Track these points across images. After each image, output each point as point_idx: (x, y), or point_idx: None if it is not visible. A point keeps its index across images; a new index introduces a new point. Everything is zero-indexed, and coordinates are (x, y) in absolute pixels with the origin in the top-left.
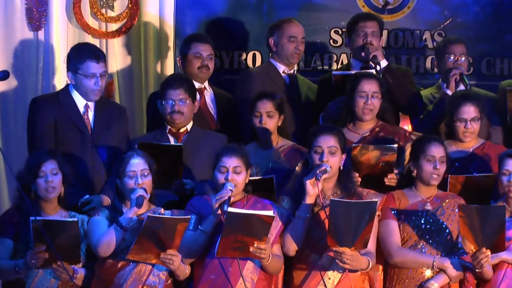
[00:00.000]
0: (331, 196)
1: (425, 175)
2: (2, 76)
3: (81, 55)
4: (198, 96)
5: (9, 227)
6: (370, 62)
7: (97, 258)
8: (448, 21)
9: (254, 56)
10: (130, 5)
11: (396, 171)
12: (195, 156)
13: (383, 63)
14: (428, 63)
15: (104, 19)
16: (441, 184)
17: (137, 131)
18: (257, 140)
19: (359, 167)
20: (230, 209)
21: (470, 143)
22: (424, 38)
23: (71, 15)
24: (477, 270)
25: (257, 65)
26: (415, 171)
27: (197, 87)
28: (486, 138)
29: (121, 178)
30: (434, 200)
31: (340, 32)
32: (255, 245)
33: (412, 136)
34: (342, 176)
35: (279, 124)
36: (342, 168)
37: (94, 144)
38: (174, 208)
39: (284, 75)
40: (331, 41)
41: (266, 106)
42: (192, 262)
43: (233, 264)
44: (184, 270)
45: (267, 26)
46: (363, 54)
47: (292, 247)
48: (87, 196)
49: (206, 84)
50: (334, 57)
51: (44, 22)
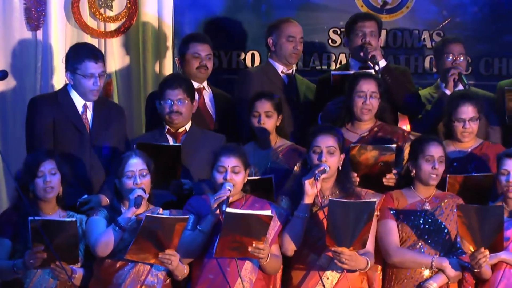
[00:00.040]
0: (330, 196)
1: (423, 175)
2: (0, 76)
3: (79, 55)
4: (196, 96)
5: (7, 227)
6: (368, 62)
7: (96, 258)
8: (447, 21)
9: (253, 56)
10: (128, 5)
11: (395, 171)
12: (193, 156)
13: (382, 63)
14: (427, 63)
15: (102, 19)
16: (440, 184)
17: (135, 131)
18: (255, 140)
19: (357, 167)
20: (229, 209)
21: (469, 143)
22: (422, 38)
23: (70, 15)
24: (475, 270)
25: (255, 65)
26: (414, 171)
27: (196, 87)
28: (485, 138)
29: (120, 178)
30: (433, 200)
31: (339, 32)
32: (254, 245)
33: (411, 136)
34: (341, 176)
35: (278, 124)
36: (340, 168)
37: (92, 144)
38: (172, 208)
39: (282, 75)
40: (330, 41)
41: (264, 106)
42: (190, 262)
43: (231, 264)
44: (183, 270)
45: (265, 26)
46: (361, 54)
47: (291, 247)
48: (86, 196)
49: (205, 84)
50: (333, 57)
51: (43, 22)
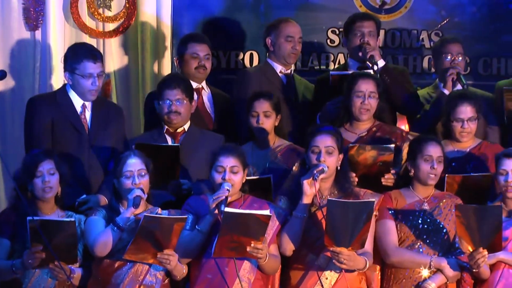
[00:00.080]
0: (328, 196)
1: (422, 175)
2: None
3: (78, 55)
4: (195, 96)
5: (5, 227)
6: (367, 62)
7: (94, 258)
8: (445, 21)
9: (251, 56)
10: (127, 5)
11: (393, 171)
12: (192, 156)
13: (380, 63)
14: (425, 63)
15: (101, 19)
16: (438, 184)
17: (134, 131)
18: (254, 140)
19: (356, 167)
20: (227, 209)
21: (467, 143)
22: (421, 38)
23: (68, 14)
24: (474, 270)
25: (254, 65)
26: (413, 171)
27: (194, 87)
28: (483, 138)
29: (118, 178)
30: (431, 200)
31: (337, 32)
32: (252, 245)
33: (409, 136)
34: (339, 176)
35: (276, 124)
36: (339, 168)
37: (91, 144)
38: (171, 208)
39: (281, 75)
40: (328, 41)
41: (263, 106)
42: (189, 262)
43: (229, 264)
44: (181, 270)
45: (264, 26)
46: (360, 54)
47: (289, 247)
48: (84, 196)
49: (203, 84)
50: (331, 57)
51: (41, 22)
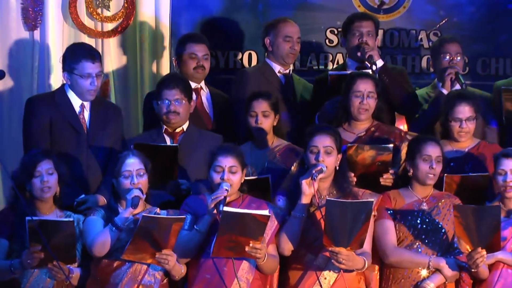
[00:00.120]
0: (327, 196)
1: (421, 175)
2: None
3: (76, 55)
4: (194, 96)
5: (4, 227)
6: (365, 62)
7: (93, 257)
8: (444, 21)
9: (250, 55)
10: (125, 5)
11: (392, 171)
12: (191, 156)
13: (379, 63)
14: (424, 63)
15: (99, 19)
16: (437, 184)
17: (132, 131)
18: (252, 139)
19: (354, 167)
20: (226, 209)
21: (466, 143)
22: (419, 38)
23: (67, 14)
24: (472, 270)
25: (252, 64)
26: (411, 171)
27: (193, 87)
28: (481, 138)
29: (117, 177)
30: (430, 200)
31: (336, 32)
32: (251, 244)
33: (408, 136)
34: (338, 176)
35: (275, 123)
36: (338, 168)
37: (89, 144)
38: (170, 208)
39: (279, 75)
40: (327, 40)
41: (261, 106)
42: (187, 262)
43: (228, 264)
44: (180, 270)
45: (262, 25)
46: (358, 54)
47: (288, 247)
48: (83, 196)
49: (202, 84)
50: (330, 57)
51: (40, 21)
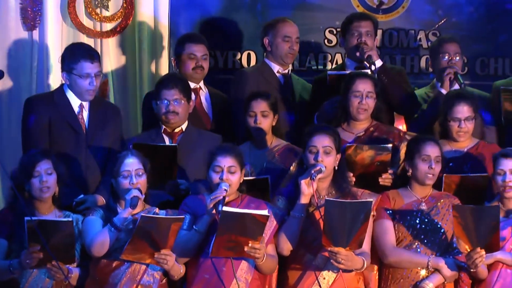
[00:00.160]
0: (326, 196)
1: (420, 175)
2: None
3: (75, 55)
4: (193, 96)
5: (3, 227)
6: (364, 62)
7: (92, 257)
8: (443, 21)
9: (249, 55)
10: (124, 5)
11: (391, 171)
12: (190, 156)
13: (378, 63)
14: (423, 63)
15: (98, 19)
16: (436, 184)
17: (131, 130)
18: (251, 139)
19: (353, 167)
20: (225, 208)
21: (464, 143)
22: (418, 38)
23: (66, 14)
24: (472, 270)
25: (251, 64)
26: (410, 171)
27: (192, 87)
28: (480, 137)
29: (116, 177)
30: (429, 200)
31: (335, 32)
32: (250, 244)
33: (407, 136)
34: (337, 176)
35: (274, 123)
36: (337, 168)
37: (88, 144)
38: (169, 208)
39: (278, 75)
40: (326, 41)
41: (260, 106)
42: (186, 262)
43: (226, 264)
44: (179, 270)
45: (261, 25)
46: (357, 54)
47: (287, 247)
48: (82, 196)
49: (201, 84)
50: (329, 57)
51: (39, 21)
